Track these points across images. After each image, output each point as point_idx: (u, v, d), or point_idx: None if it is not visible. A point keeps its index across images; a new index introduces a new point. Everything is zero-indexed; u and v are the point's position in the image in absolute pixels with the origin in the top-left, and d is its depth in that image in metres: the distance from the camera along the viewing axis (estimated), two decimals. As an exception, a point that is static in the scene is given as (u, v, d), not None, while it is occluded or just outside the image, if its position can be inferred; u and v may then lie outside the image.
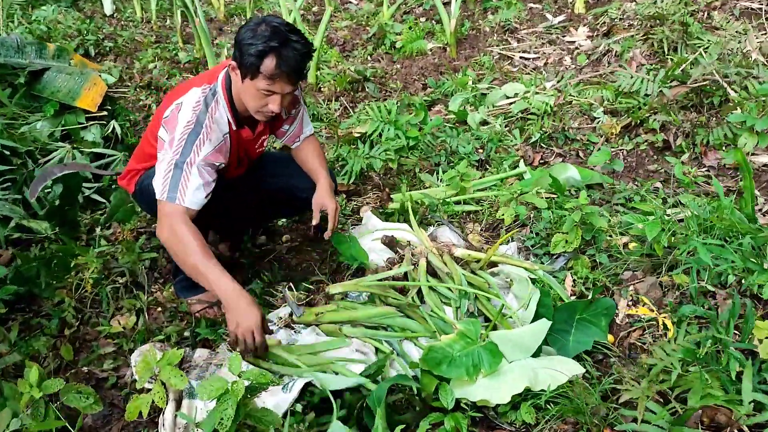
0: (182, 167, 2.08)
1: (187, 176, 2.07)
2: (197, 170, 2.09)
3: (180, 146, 2.10)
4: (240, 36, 2.06)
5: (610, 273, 2.40)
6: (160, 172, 2.10)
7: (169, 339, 2.35)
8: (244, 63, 2.05)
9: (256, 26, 2.05)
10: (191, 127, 2.12)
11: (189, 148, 2.10)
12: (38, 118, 3.28)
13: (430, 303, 2.27)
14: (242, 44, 2.04)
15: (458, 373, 1.89)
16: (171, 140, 2.12)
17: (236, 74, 2.12)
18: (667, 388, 1.79)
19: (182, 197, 2.06)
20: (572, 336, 2.15)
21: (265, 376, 1.78)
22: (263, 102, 2.13)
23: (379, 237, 2.66)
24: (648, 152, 3.20)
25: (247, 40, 2.03)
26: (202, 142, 2.12)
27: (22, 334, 2.37)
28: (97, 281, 2.57)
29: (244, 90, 2.13)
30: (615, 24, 4.63)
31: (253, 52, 2.02)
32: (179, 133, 2.12)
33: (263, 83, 2.06)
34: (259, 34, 2.02)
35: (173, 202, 2.06)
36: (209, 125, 2.15)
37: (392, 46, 5.17)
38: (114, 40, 5.84)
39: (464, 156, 3.32)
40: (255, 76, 2.06)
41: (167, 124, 2.15)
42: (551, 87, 3.94)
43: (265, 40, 2.01)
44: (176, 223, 2.05)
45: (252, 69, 2.04)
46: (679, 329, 1.95)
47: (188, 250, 2.04)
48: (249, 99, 2.15)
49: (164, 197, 2.07)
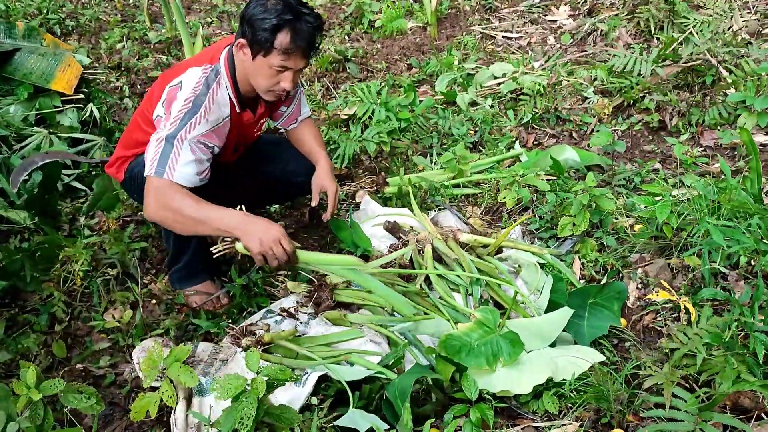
0: (172, 142, 1.98)
1: (177, 151, 1.98)
2: (188, 146, 1.99)
3: (174, 123, 2.00)
4: (249, 12, 1.96)
5: (618, 256, 2.37)
6: (151, 147, 2.00)
7: (168, 333, 2.25)
8: (256, 39, 1.96)
9: (265, 0, 1.95)
10: (189, 106, 2.02)
11: (182, 125, 2.00)
12: (11, 102, 3.10)
13: (439, 291, 2.21)
14: (253, 20, 1.94)
15: (477, 362, 1.84)
16: (167, 117, 2.02)
17: (245, 53, 2.03)
18: (693, 373, 1.78)
19: (171, 172, 1.97)
20: (586, 321, 2.12)
21: (284, 372, 1.70)
22: (275, 80, 2.05)
23: (380, 222, 2.59)
24: (643, 132, 3.19)
25: (259, 15, 1.93)
26: (198, 121, 2.02)
27: (9, 330, 2.24)
28: (86, 273, 2.44)
29: (255, 68, 2.04)
30: (597, 3, 4.61)
31: (267, 27, 1.93)
32: (176, 110, 2.02)
33: (277, 59, 1.99)
34: (270, 8, 1.94)
35: (161, 176, 1.96)
36: (208, 106, 2.05)
37: (371, 25, 5.06)
38: (76, 19, 5.59)
39: (458, 138, 3.26)
40: (269, 52, 1.98)
41: (167, 103, 2.05)
42: (539, 67, 3.90)
43: (278, 14, 1.93)
44: (162, 195, 1.96)
45: (266, 45, 1.96)
46: (701, 313, 1.93)
47: (181, 211, 1.96)
48: (260, 78, 2.06)
49: (152, 172, 1.97)
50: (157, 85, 2.19)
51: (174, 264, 2.38)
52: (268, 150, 2.56)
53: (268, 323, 2.17)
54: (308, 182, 2.51)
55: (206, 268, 2.42)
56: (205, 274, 2.41)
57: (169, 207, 1.97)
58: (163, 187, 1.97)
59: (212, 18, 5.61)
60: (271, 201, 2.82)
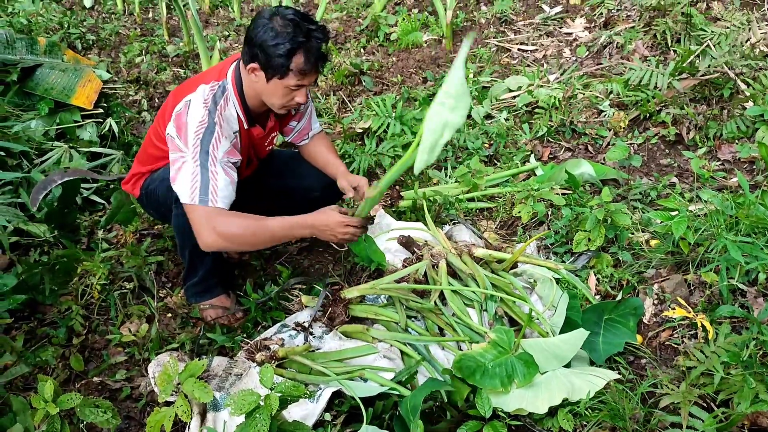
0: (207, 167, 2.01)
1: (214, 176, 2.01)
2: (221, 168, 2.03)
3: (197, 146, 2.01)
4: (259, 37, 1.97)
5: (633, 271, 2.36)
6: (185, 176, 2.01)
7: (183, 347, 2.26)
8: (271, 64, 1.98)
9: (271, 22, 1.96)
10: (204, 126, 2.03)
11: (207, 147, 2.02)
12: (32, 117, 3.15)
13: (453, 307, 2.21)
14: (265, 46, 1.96)
15: (492, 384, 1.83)
16: (185, 141, 2.03)
17: (257, 75, 2.04)
18: (710, 392, 1.75)
19: (214, 198, 2.00)
20: (602, 337, 2.10)
21: (298, 388, 1.70)
22: (290, 97, 2.09)
23: (394, 237, 2.59)
24: (659, 146, 3.16)
25: (271, 41, 1.95)
26: (218, 139, 2.04)
27: (28, 344, 2.27)
28: (104, 287, 2.47)
29: (270, 90, 2.06)
30: (613, 15, 4.59)
31: (282, 53, 1.95)
32: (192, 132, 2.03)
33: (294, 80, 2.02)
34: (281, 32, 1.95)
35: (206, 204, 1.99)
36: (220, 123, 2.06)
37: (386, 38, 5.08)
38: (97, 33, 5.68)
39: (473, 151, 3.26)
40: (285, 75, 2.00)
41: (177, 123, 2.06)
42: (555, 80, 3.89)
43: (290, 38, 1.94)
44: (217, 224, 1.99)
45: (282, 69, 1.99)
46: (719, 330, 1.90)
47: (246, 235, 2.02)
48: (275, 98, 2.09)
49: (195, 201, 1.99)
50: (169, 102, 2.21)
51: (190, 278, 2.40)
52: (283, 165, 2.57)
53: (282, 338, 2.17)
54: (322, 197, 2.52)
55: (221, 282, 2.43)
56: (220, 288, 2.43)
57: (228, 234, 2.00)
58: (214, 215, 1.99)
59: (229, 31, 5.66)
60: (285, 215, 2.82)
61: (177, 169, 2.03)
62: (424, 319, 2.24)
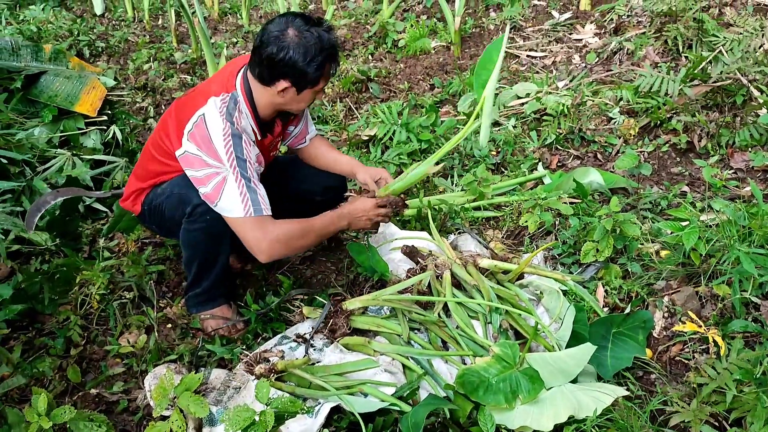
0: (250, 179, 2.04)
1: (257, 186, 2.06)
2: (257, 176, 2.09)
3: (233, 160, 2.01)
4: (288, 58, 1.96)
5: (643, 283, 2.29)
6: (231, 191, 2.01)
7: (181, 358, 2.22)
8: (307, 80, 2.02)
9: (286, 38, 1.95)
10: (230, 138, 2.02)
11: (243, 159, 2.03)
12: (35, 124, 3.14)
13: (457, 319, 2.16)
14: (299, 66, 1.98)
15: (496, 400, 1.78)
16: (215, 155, 2.00)
17: (287, 92, 2.06)
18: (722, 411, 1.69)
19: (266, 207, 2.06)
20: (610, 351, 2.04)
21: (295, 404, 1.67)
22: (315, 98, 2.16)
23: (398, 246, 2.54)
24: (670, 154, 3.10)
25: (303, 60, 1.97)
26: (248, 148, 2.07)
27: (26, 354, 2.24)
28: (103, 296, 2.44)
29: (299, 99, 2.10)
30: (623, 21, 4.54)
31: (317, 67, 1.99)
32: (222, 146, 2.00)
33: (323, 83, 2.08)
34: (308, 48, 1.96)
35: (261, 214, 2.03)
36: (240, 132, 2.05)
37: (394, 44, 5.05)
38: (106, 41, 5.69)
39: (480, 159, 3.21)
40: (317, 83, 2.05)
41: (197, 139, 2.02)
42: (564, 86, 3.84)
43: (319, 52, 1.98)
44: (276, 232, 2.06)
45: (317, 81, 2.04)
46: (731, 346, 1.84)
47: (300, 239, 2.12)
48: (304, 103, 2.14)
49: (250, 213, 2.02)
50: (172, 114, 2.16)
51: (193, 288, 2.36)
52: (283, 170, 2.54)
53: (282, 350, 2.13)
54: (324, 201, 2.50)
55: (224, 292, 2.40)
56: (222, 299, 2.39)
57: (287, 241, 2.08)
58: (268, 224, 2.06)
59: (237, 38, 5.65)
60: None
61: (216, 185, 2.01)
62: (427, 331, 2.19)
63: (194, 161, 2.03)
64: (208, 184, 2.01)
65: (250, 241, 2.06)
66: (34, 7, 6.35)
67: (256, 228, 2.04)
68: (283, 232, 2.06)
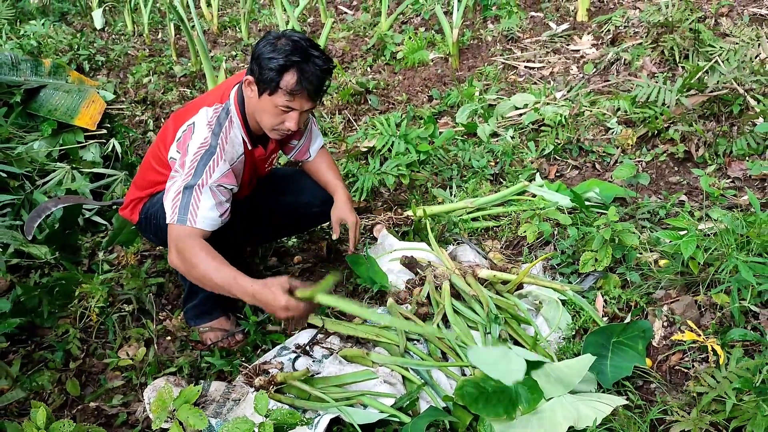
0: (192, 189, 1.95)
1: (197, 197, 1.95)
2: (209, 191, 1.97)
3: (192, 168, 1.98)
4: (258, 50, 1.96)
5: (642, 292, 2.29)
6: (170, 195, 1.98)
7: (181, 371, 2.22)
8: (263, 78, 1.95)
9: (275, 40, 1.95)
10: (205, 148, 2.01)
11: (201, 170, 1.98)
12: (35, 138, 3.15)
13: (456, 330, 2.16)
14: (261, 58, 1.94)
15: (495, 412, 1.77)
16: (182, 162, 2.00)
17: (252, 89, 2.02)
18: (722, 419, 1.69)
19: (193, 219, 1.94)
20: (609, 361, 2.04)
21: (294, 416, 1.66)
22: (280, 119, 2.03)
23: (397, 257, 2.55)
24: (668, 163, 3.11)
25: (267, 54, 1.92)
26: (216, 163, 2.00)
27: (25, 368, 2.23)
28: (102, 309, 2.44)
29: (260, 106, 2.03)
30: (620, 32, 4.56)
31: (274, 67, 1.92)
32: (192, 154, 2.00)
33: (282, 99, 1.97)
34: (279, 48, 1.93)
35: (183, 224, 1.94)
36: (222, 146, 2.04)
37: (393, 56, 5.07)
38: (106, 55, 5.72)
39: (478, 170, 3.22)
40: (274, 91, 1.96)
41: (180, 145, 2.04)
42: (562, 97, 3.86)
43: (285, 55, 1.91)
44: (185, 245, 1.91)
45: (271, 84, 1.95)
46: (731, 354, 1.84)
47: (200, 269, 1.88)
48: (265, 116, 2.05)
49: (174, 220, 1.95)
50: (170, 125, 2.18)
51: (190, 300, 2.36)
52: (282, 182, 2.54)
53: (282, 361, 2.13)
54: (322, 213, 2.50)
55: (221, 304, 2.40)
56: (219, 311, 2.39)
57: (190, 261, 1.90)
58: (186, 236, 1.92)
59: (236, 51, 5.68)
60: (286, 233, 2.80)
61: (167, 188, 2.00)
62: (426, 342, 2.19)
63: (172, 165, 2.06)
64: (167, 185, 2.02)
65: (168, 245, 1.97)
66: (34, 22, 6.40)
67: (173, 233, 1.94)
68: (191, 254, 1.89)
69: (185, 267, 1.93)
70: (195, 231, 1.94)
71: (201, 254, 1.89)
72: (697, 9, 4.31)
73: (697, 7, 4.39)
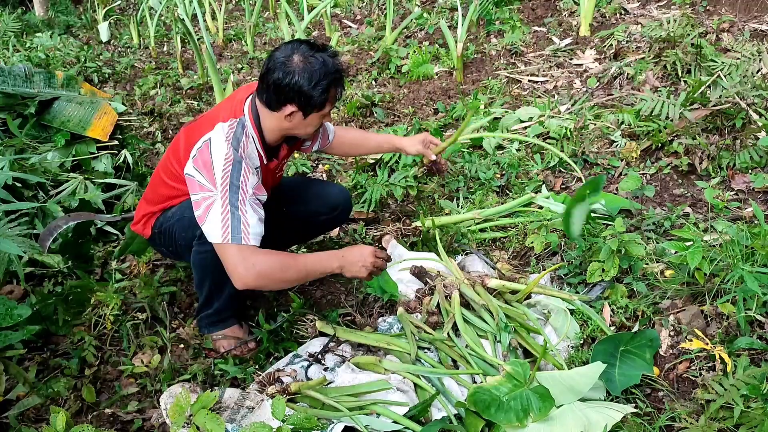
0: (237, 206, 2.00)
1: (244, 214, 2.00)
2: (250, 206, 2.03)
3: (225, 185, 2.00)
4: (293, 83, 1.99)
5: (648, 302, 2.33)
6: (215, 215, 1.99)
7: (195, 378, 2.25)
8: (312, 104, 2.04)
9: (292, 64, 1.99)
10: (231, 163, 2.03)
11: (236, 186, 2.02)
12: (48, 149, 3.19)
13: (467, 339, 2.19)
14: (304, 90, 2.00)
15: (507, 418, 1.81)
16: (212, 179, 2.01)
17: (293, 117, 2.08)
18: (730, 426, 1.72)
19: (246, 237, 1.98)
20: (618, 369, 2.07)
21: (310, 421, 1.70)
22: (323, 120, 2.16)
23: (407, 267, 2.58)
24: (672, 176, 3.16)
25: (308, 84, 2.00)
26: (246, 176, 2.05)
27: (41, 375, 2.26)
28: (116, 317, 2.47)
29: (306, 123, 2.12)
30: (623, 47, 4.63)
31: (322, 91, 2.02)
32: (220, 170, 2.02)
33: (329, 107, 2.10)
34: (313, 73, 1.99)
35: (239, 243, 1.98)
36: (245, 159, 2.07)
37: (398, 70, 5.14)
38: (112, 67, 5.78)
39: (485, 182, 3.26)
40: (323, 107, 2.07)
41: (199, 163, 2.05)
42: (566, 110, 3.91)
43: (324, 76, 2.00)
44: (254, 262, 1.97)
45: (322, 104, 2.06)
46: (738, 363, 1.87)
47: (280, 272, 2.00)
48: (311, 127, 2.15)
49: (227, 240, 1.97)
50: (181, 140, 2.20)
51: (205, 309, 2.39)
52: (289, 191, 2.58)
53: (294, 369, 2.16)
54: (330, 220, 2.60)
55: (235, 313, 2.43)
56: (233, 319, 2.43)
57: (266, 272, 1.98)
58: (248, 253, 1.98)
59: (243, 64, 5.75)
60: (295, 241, 2.83)
61: (205, 208, 2.00)
62: (437, 350, 2.23)
63: (194, 185, 2.06)
64: (201, 206, 2.02)
65: (228, 266, 2.01)
66: (41, 34, 6.47)
67: (235, 254, 1.98)
68: (264, 264, 1.98)
69: (270, 278, 2.01)
70: (251, 248, 1.99)
71: (277, 258, 2.01)
72: (698, 24, 4.38)
73: (699, 23, 4.47)
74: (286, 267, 2.01)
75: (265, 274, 1.98)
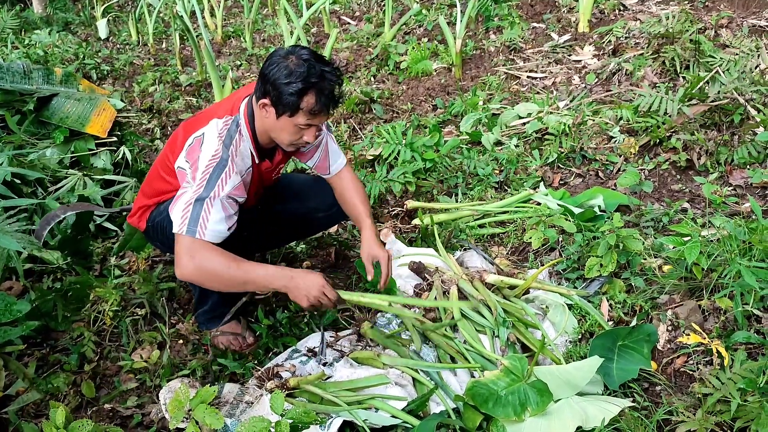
0: (203, 201, 1.97)
1: (208, 209, 1.97)
2: (219, 203, 1.99)
3: (204, 180, 2.00)
4: (273, 74, 1.97)
5: (646, 297, 2.34)
6: (180, 205, 1.99)
7: (194, 373, 2.25)
8: (282, 102, 1.98)
9: (286, 61, 1.97)
10: (216, 161, 2.02)
11: (213, 183, 2.00)
12: (47, 145, 3.19)
13: (465, 334, 2.20)
14: (278, 83, 1.96)
15: (505, 413, 1.82)
16: (194, 173, 2.01)
17: (268, 111, 2.04)
18: (727, 419, 1.73)
19: (202, 231, 1.96)
20: (616, 363, 2.08)
21: (309, 415, 1.70)
22: (299, 135, 2.08)
23: (405, 263, 2.59)
24: (670, 172, 3.16)
25: (283, 79, 1.95)
26: (228, 176, 2.02)
27: (40, 370, 2.27)
28: (116, 313, 2.47)
29: (279, 127, 2.06)
30: (621, 43, 4.63)
31: (294, 91, 1.95)
32: (203, 166, 2.02)
33: (303, 119, 2.01)
34: (294, 71, 1.95)
35: (193, 235, 1.95)
36: (233, 158, 2.06)
37: (396, 66, 5.14)
38: (111, 64, 5.78)
39: (483, 178, 3.27)
40: (295, 113, 2.00)
41: (189, 155, 2.05)
42: (564, 106, 3.91)
43: (302, 78, 1.95)
44: (198, 257, 1.95)
45: (292, 107, 1.98)
46: (735, 357, 1.88)
47: (221, 272, 1.94)
48: (284, 134, 2.08)
49: (183, 230, 1.96)
50: (179, 135, 2.20)
51: (200, 306, 2.40)
52: (288, 189, 2.58)
53: (293, 364, 2.17)
54: (328, 217, 2.56)
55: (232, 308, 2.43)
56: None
57: (206, 269, 1.95)
58: (197, 247, 1.96)
59: (241, 61, 5.75)
60: (293, 238, 2.83)
61: (177, 197, 2.02)
62: (435, 346, 2.23)
63: (182, 177, 2.07)
64: (176, 196, 2.04)
65: (176, 255, 1.99)
66: (40, 31, 6.46)
67: (184, 245, 1.96)
68: (208, 262, 1.94)
69: (208, 277, 1.97)
70: (201, 243, 1.97)
71: (223, 259, 1.95)
72: (697, 21, 4.39)
73: (697, 19, 4.48)
74: (228, 270, 1.94)
75: (205, 270, 1.95)
